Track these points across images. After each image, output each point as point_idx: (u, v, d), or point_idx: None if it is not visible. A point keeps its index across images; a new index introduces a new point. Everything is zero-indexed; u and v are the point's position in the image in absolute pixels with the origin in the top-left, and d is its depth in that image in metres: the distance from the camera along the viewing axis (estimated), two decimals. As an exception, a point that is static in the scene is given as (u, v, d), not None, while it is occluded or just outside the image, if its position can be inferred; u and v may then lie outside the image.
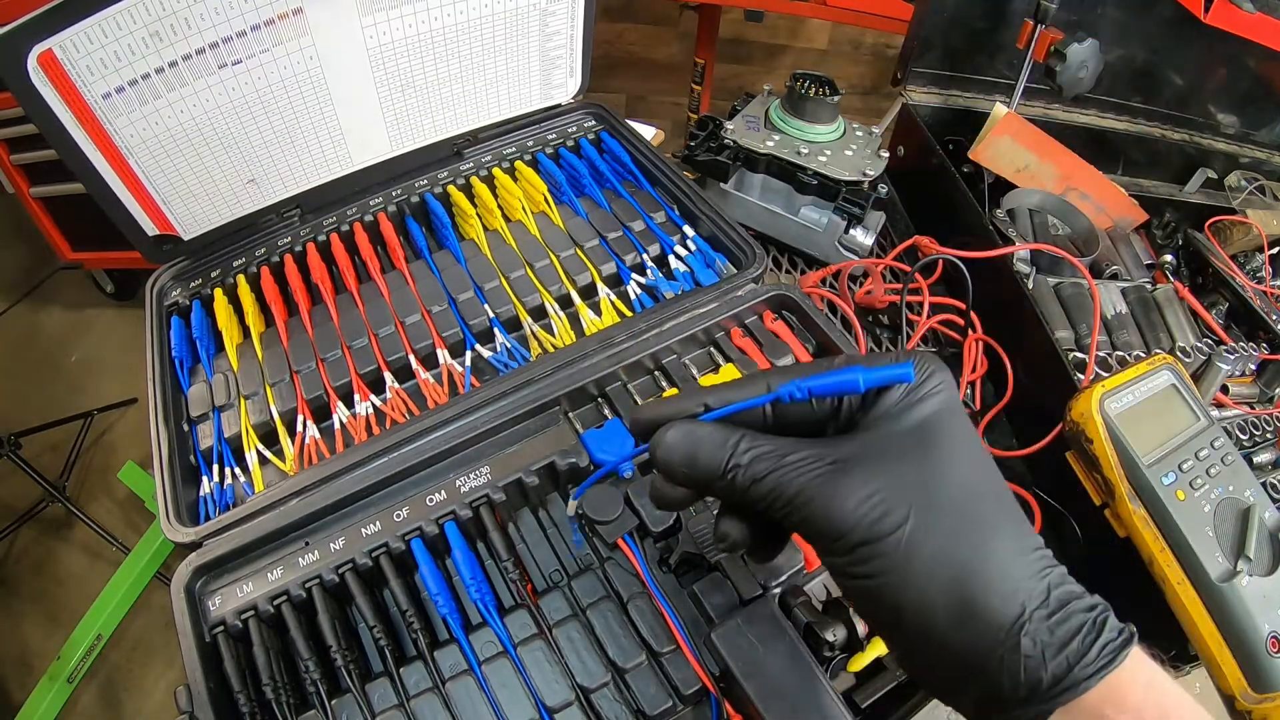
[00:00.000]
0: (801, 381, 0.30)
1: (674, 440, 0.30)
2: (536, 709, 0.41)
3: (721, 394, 0.31)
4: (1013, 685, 0.26)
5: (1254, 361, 0.72)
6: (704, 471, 0.30)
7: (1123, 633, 0.27)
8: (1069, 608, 0.27)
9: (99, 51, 0.49)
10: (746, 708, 0.40)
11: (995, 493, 0.29)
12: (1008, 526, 0.28)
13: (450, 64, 0.65)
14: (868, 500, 0.27)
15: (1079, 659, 0.26)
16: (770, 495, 0.29)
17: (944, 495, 0.27)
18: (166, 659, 1.50)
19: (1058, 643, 0.26)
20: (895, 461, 0.28)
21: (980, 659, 0.26)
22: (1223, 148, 0.99)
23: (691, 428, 0.30)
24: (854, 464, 0.28)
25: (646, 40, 2.39)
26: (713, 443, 0.30)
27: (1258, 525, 0.50)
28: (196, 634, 0.43)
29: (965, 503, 0.28)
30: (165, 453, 0.51)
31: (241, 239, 0.65)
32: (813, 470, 0.28)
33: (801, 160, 0.78)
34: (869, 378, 0.28)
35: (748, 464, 0.29)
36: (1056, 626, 0.26)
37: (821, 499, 0.27)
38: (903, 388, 0.29)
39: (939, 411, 0.29)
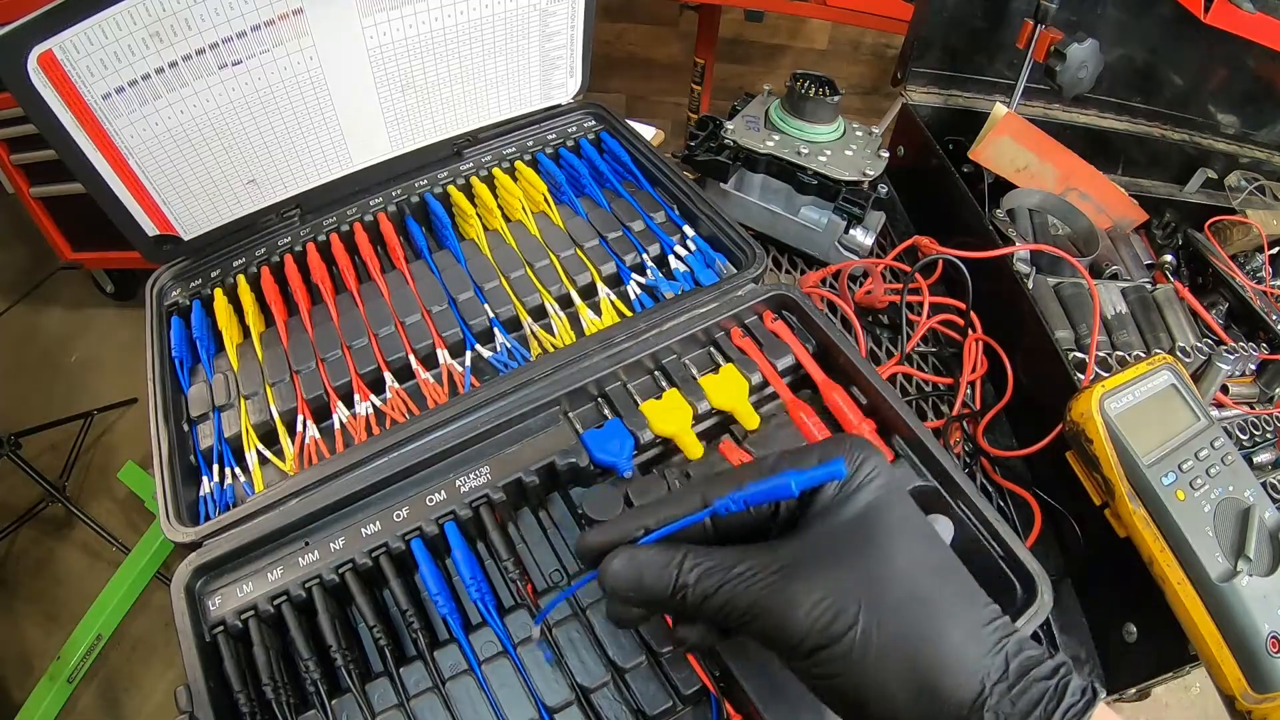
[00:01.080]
0: (737, 494, 0.30)
1: (619, 569, 0.31)
2: (536, 709, 0.41)
3: (658, 513, 0.32)
4: None
5: (1254, 361, 0.72)
6: (652, 594, 0.30)
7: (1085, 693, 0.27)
8: (1029, 676, 0.27)
9: (99, 52, 0.49)
10: (746, 708, 0.40)
11: (943, 572, 0.29)
12: (959, 606, 0.28)
13: (450, 64, 0.65)
14: (818, 605, 0.27)
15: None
16: (723, 610, 0.29)
17: (891, 586, 0.28)
18: (166, 659, 1.50)
19: (1019, 714, 0.26)
20: (839, 560, 0.28)
21: None
22: (1223, 148, 0.99)
23: (633, 553, 0.31)
24: (799, 568, 0.28)
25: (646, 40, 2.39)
26: (656, 565, 0.30)
27: (1258, 525, 0.50)
28: (196, 634, 0.43)
29: (913, 589, 0.28)
30: (165, 453, 0.51)
31: (241, 239, 0.65)
32: (760, 581, 0.28)
33: (801, 160, 0.78)
34: (800, 480, 0.29)
35: (695, 581, 0.30)
36: (1018, 698, 0.26)
37: (773, 610, 0.28)
38: (833, 489, 0.30)
39: (876, 500, 0.30)
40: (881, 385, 0.53)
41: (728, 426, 0.55)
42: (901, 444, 0.52)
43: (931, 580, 0.29)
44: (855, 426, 0.53)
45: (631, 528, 0.32)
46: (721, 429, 0.56)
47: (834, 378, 0.56)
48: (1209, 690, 0.49)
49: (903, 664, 0.27)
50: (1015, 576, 0.47)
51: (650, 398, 0.54)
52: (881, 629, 0.27)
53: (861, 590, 0.27)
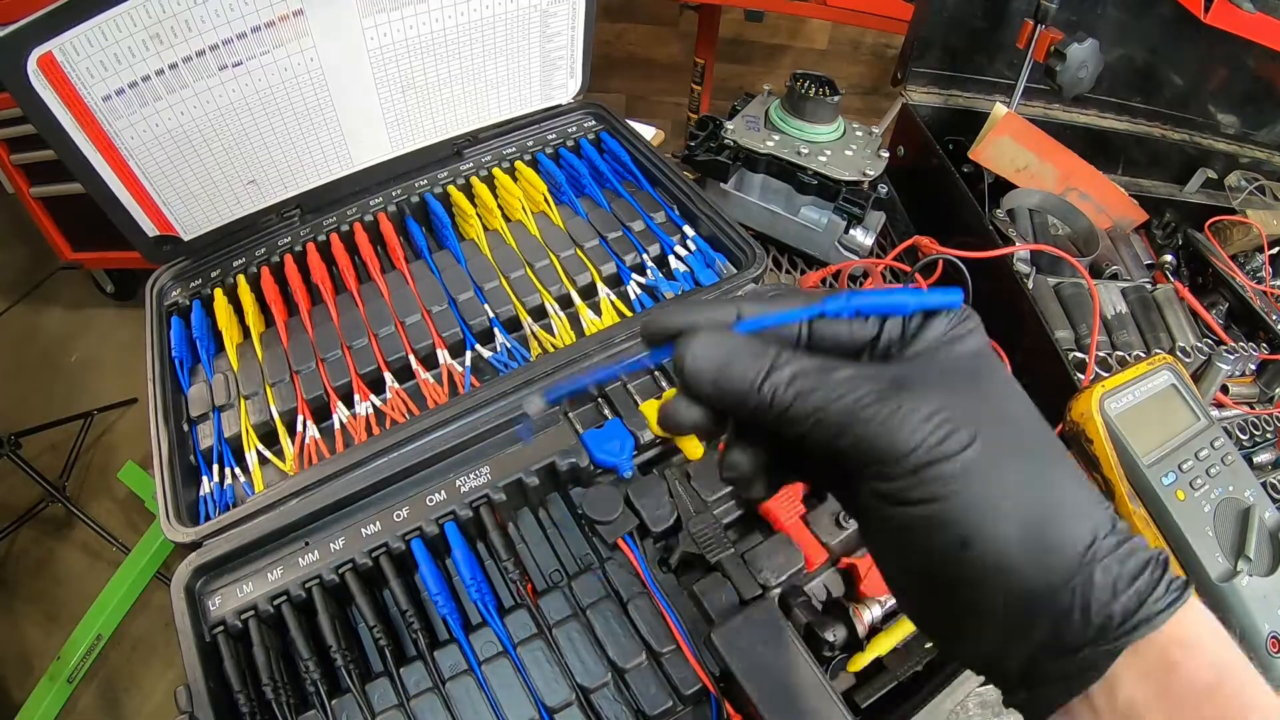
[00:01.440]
0: (851, 294, 0.27)
1: (703, 348, 0.27)
2: (536, 709, 0.41)
3: (757, 304, 0.28)
4: (1083, 621, 0.24)
5: (1254, 361, 0.72)
6: (736, 385, 0.26)
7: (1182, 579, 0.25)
8: (1133, 541, 0.25)
9: (99, 54, 0.49)
10: (746, 708, 0.40)
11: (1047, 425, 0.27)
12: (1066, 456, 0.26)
13: (451, 65, 0.65)
14: (933, 418, 0.24)
15: (1149, 593, 0.24)
16: (814, 414, 0.25)
17: (1007, 420, 0.26)
18: (166, 659, 1.50)
19: (1128, 575, 0.24)
20: (954, 385, 0.26)
21: (1052, 592, 0.24)
22: (1223, 148, 0.99)
23: (723, 336, 0.27)
24: (912, 382, 0.25)
25: (646, 40, 2.39)
26: (748, 352, 0.26)
27: (1258, 525, 0.50)
28: (196, 634, 0.43)
29: (1029, 429, 0.26)
30: (165, 453, 0.51)
31: (241, 239, 0.65)
32: (865, 390, 0.25)
33: (801, 160, 0.78)
34: (921, 301, 0.27)
35: (789, 379, 0.26)
36: (1126, 558, 0.24)
37: (880, 417, 0.25)
38: (945, 324, 0.27)
39: (985, 347, 0.27)
40: (881, 385, 0.53)
41: (728, 426, 0.55)
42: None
43: (1043, 426, 0.27)
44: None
45: (723, 312, 0.28)
46: (721, 429, 0.55)
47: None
48: (1209, 690, 0.49)
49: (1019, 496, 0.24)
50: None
51: (650, 398, 0.54)
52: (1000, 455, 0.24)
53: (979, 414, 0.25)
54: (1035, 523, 0.24)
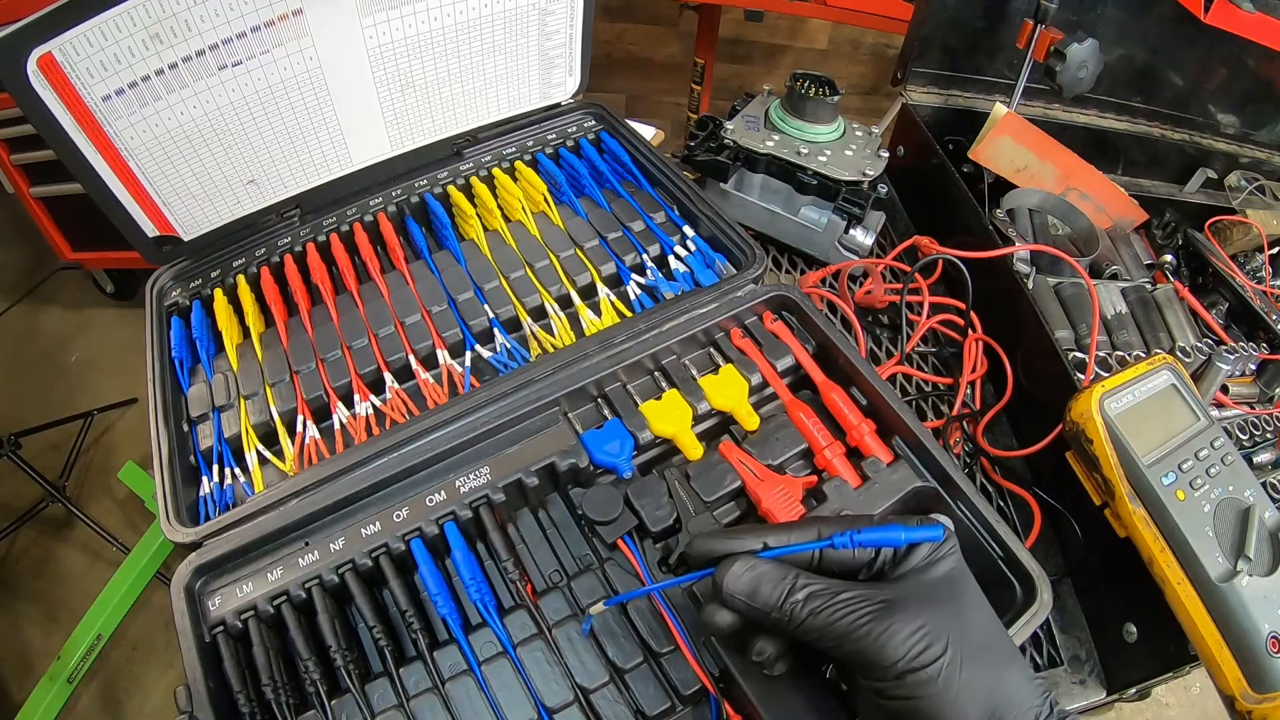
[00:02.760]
0: (855, 534, 0.35)
1: (740, 573, 0.35)
2: (536, 709, 0.41)
3: (777, 536, 0.37)
4: None
5: (1254, 361, 0.72)
6: (763, 602, 0.34)
7: None
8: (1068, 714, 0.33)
9: (99, 54, 0.49)
10: (746, 708, 0.40)
11: (1003, 631, 0.36)
12: (1017, 658, 0.34)
13: (450, 63, 0.65)
14: (914, 635, 0.32)
15: None
16: (823, 629, 0.33)
17: (971, 633, 0.33)
18: (166, 659, 1.50)
19: None
20: (932, 605, 0.33)
21: None
22: (1223, 148, 0.99)
23: (754, 562, 0.35)
24: (899, 605, 0.33)
25: (646, 40, 2.39)
26: (774, 577, 0.34)
27: (1258, 525, 0.50)
28: (196, 634, 0.43)
29: (986, 640, 0.34)
30: (165, 453, 0.51)
31: (241, 239, 0.65)
32: (863, 608, 0.33)
33: (801, 160, 0.78)
34: (909, 536, 0.35)
35: (804, 599, 0.34)
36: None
37: (874, 634, 0.32)
38: (927, 549, 0.35)
39: (957, 568, 0.36)
40: (881, 385, 0.53)
41: (727, 427, 0.55)
42: (901, 444, 0.52)
43: (999, 636, 0.35)
44: (855, 427, 0.53)
45: (752, 541, 0.36)
46: (721, 429, 0.56)
47: (834, 378, 0.56)
48: (1209, 690, 0.49)
49: (979, 695, 0.32)
50: (1015, 577, 0.47)
51: (650, 398, 0.54)
52: (965, 663, 0.32)
53: (950, 630, 0.33)
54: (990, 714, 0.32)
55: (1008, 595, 0.46)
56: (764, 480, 0.50)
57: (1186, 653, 0.51)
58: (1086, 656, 0.60)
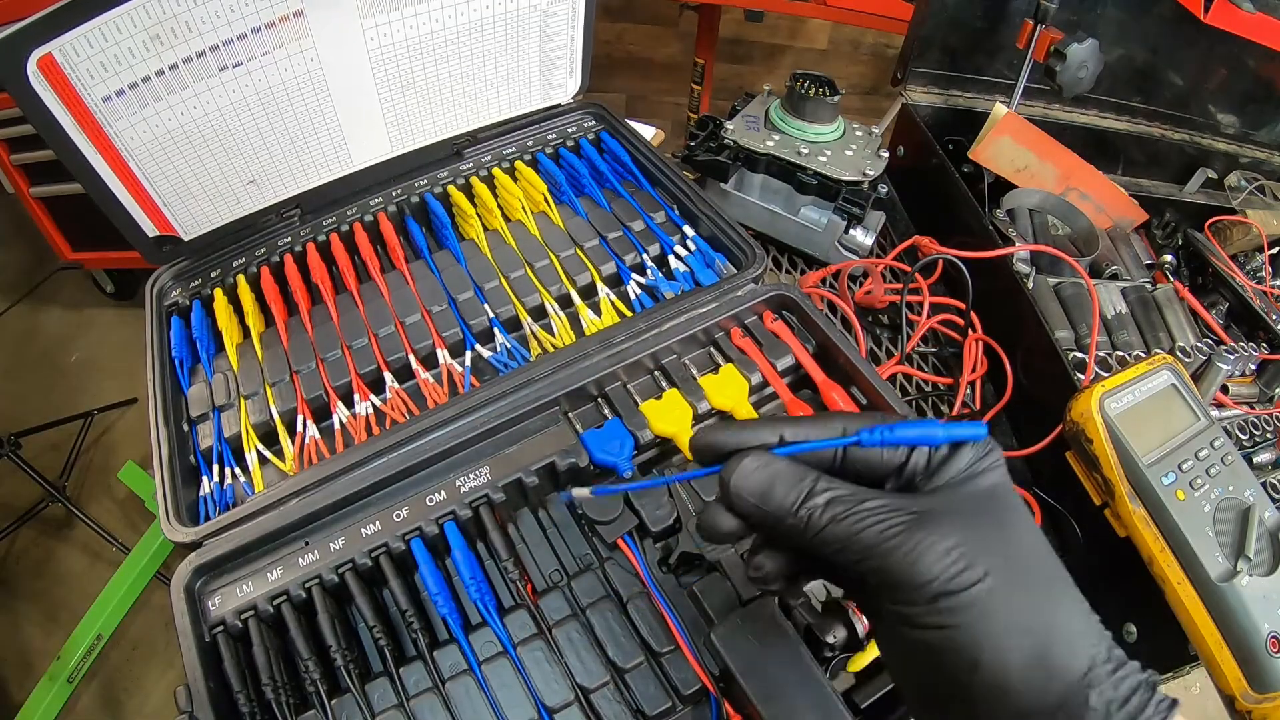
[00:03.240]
0: (885, 428, 0.30)
1: (750, 470, 0.30)
2: (536, 709, 0.41)
3: (797, 429, 0.31)
4: None
5: (1254, 361, 0.72)
6: (775, 507, 0.30)
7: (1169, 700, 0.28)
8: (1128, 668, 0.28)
9: (99, 55, 0.49)
10: (746, 708, 0.40)
11: (1055, 557, 0.30)
12: (1072, 589, 0.29)
13: (451, 65, 0.65)
14: (950, 553, 0.27)
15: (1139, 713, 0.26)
16: (844, 540, 0.29)
17: (1020, 555, 0.29)
18: (166, 659, 1.50)
19: (1121, 698, 0.27)
20: (972, 520, 0.29)
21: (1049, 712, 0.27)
22: (1223, 148, 0.99)
23: (769, 459, 0.30)
24: (934, 518, 0.28)
25: (646, 40, 2.39)
26: (790, 476, 0.30)
27: (1258, 525, 0.50)
28: (196, 634, 0.43)
29: (1038, 563, 0.29)
30: (165, 453, 0.51)
31: (241, 239, 0.65)
32: (892, 520, 0.28)
33: (801, 160, 0.78)
34: (949, 433, 0.30)
35: (824, 505, 0.29)
36: (1119, 684, 0.27)
37: (903, 549, 0.28)
38: (968, 457, 0.30)
39: (1003, 482, 0.30)
40: (881, 385, 0.53)
41: (728, 427, 0.55)
42: (901, 444, 0.52)
43: (1052, 561, 0.30)
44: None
45: (766, 434, 0.31)
46: (721, 429, 0.55)
47: (834, 378, 0.56)
48: (1209, 690, 0.49)
49: (1025, 626, 0.27)
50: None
51: (650, 398, 0.54)
52: (1009, 589, 0.27)
53: (993, 551, 0.28)
54: (1038, 651, 0.27)
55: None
56: (764, 480, 0.50)
57: (1186, 653, 0.51)
58: (1086, 656, 0.60)
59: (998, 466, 0.31)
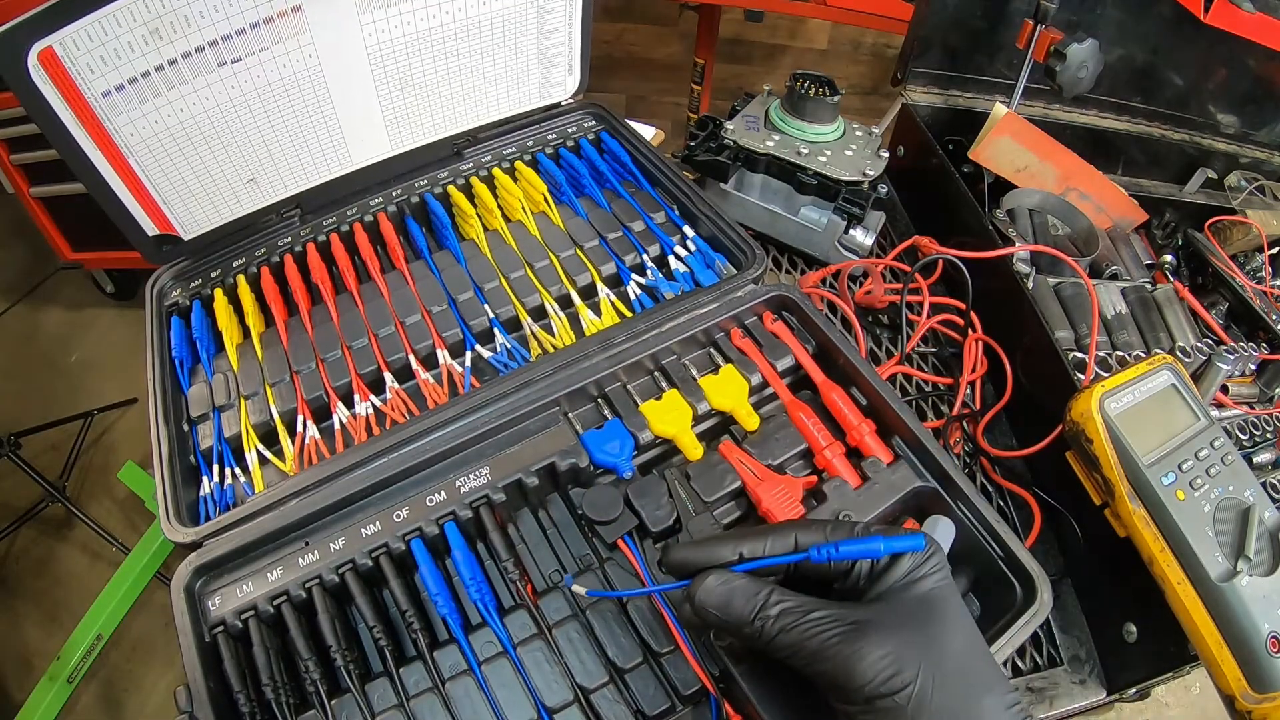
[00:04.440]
0: (831, 545, 0.34)
1: (712, 586, 0.34)
2: (536, 709, 0.41)
3: (754, 545, 0.36)
4: None
5: (1254, 361, 0.72)
6: (734, 616, 0.34)
7: None
8: None
9: (99, 49, 0.49)
10: (746, 708, 0.40)
11: (983, 655, 0.34)
12: (996, 685, 0.33)
13: (449, 62, 0.65)
14: (882, 659, 0.31)
15: None
16: (793, 647, 0.33)
17: (946, 659, 0.32)
18: (166, 659, 1.50)
19: None
20: (905, 628, 0.33)
21: None
22: (1223, 148, 0.99)
23: (728, 577, 0.35)
24: (870, 627, 0.32)
25: (646, 40, 2.39)
26: (746, 592, 0.34)
27: (1258, 525, 0.50)
28: (196, 634, 0.43)
29: (962, 666, 0.33)
30: (165, 453, 0.51)
31: (241, 239, 0.65)
32: (833, 629, 0.32)
33: (801, 160, 0.78)
34: (889, 546, 0.34)
35: (775, 616, 0.33)
36: None
37: (841, 656, 0.32)
38: (906, 566, 0.34)
39: (939, 588, 0.35)
40: (881, 386, 0.53)
41: (727, 427, 0.55)
42: (901, 444, 0.52)
43: (977, 662, 0.33)
44: (855, 427, 0.53)
45: (726, 551, 0.36)
46: (721, 430, 0.56)
47: (834, 378, 0.56)
48: (1209, 690, 0.49)
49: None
50: (1015, 577, 0.47)
51: (650, 398, 0.54)
52: (935, 692, 0.31)
53: (922, 656, 0.32)
54: None
55: (1008, 595, 0.46)
56: (764, 480, 0.50)
57: (1186, 653, 0.51)
58: (1086, 656, 0.60)
59: (936, 571, 0.35)
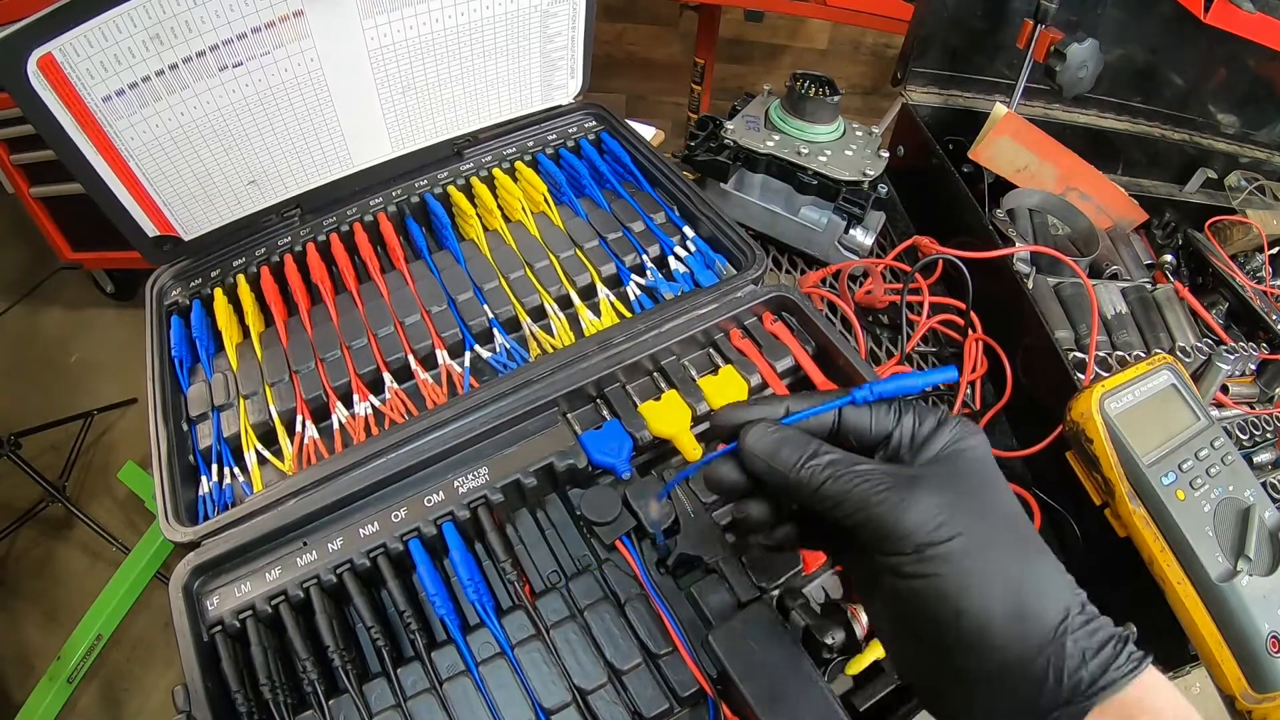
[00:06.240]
0: (871, 384, 0.35)
1: (762, 433, 0.35)
2: (534, 710, 0.41)
3: (799, 401, 0.36)
4: (1055, 685, 0.28)
5: (1254, 361, 0.72)
6: (782, 464, 0.34)
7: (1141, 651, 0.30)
8: (1100, 619, 0.30)
9: (99, 55, 0.49)
10: (744, 710, 0.40)
11: (1030, 524, 0.33)
12: (1045, 550, 0.32)
13: (451, 66, 0.65)
14: (930, 510, 0.31)
15: (1112, 661, 0.29)
16: (839, 495, 0.32)
17: (996, 516, 0.32)
18: (166, 659, 1.50)
19: (1095, 646, 0.29)
20: (951, 485, 0.32)
21: (1029, 658, 0.29)
22: (1223, 148, 0.98)
23: (779, 427, 0.35)
24: (917, 481, 0.32)
25: (646, 40, 2.39)
26: (796, 441, 0.34)
27: (1258, 525, 0.50)
28: (194, 634, 0.43)
29: (1013, 524, 0.32)
30: (164, 452, 0.51)
31: (241, 239, 0.65)
32: (880, 481, 0.32)
33: (801, 160, 0.77)
34: (923, 380, 0.36)
35: (824, 465, 0.33)
36: (1093, 632, 0.29)
37: (889, 503, 0.31)
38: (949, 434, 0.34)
39: (982, 456, 0.34)
40: (881, 386, 0.53)
41: (727, 427, 0.55)
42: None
43: (1026, 525, 0.33)
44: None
45: (775, 408, 0.36)
46: (720, 429, 0.55)
47: (833, 379, 0.56)
48: (1209, 690, 0.49)
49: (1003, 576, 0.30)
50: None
51: (649, 399, 0.54)
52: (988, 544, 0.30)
53: (970, 511, 0.31)
54: (1016, 600, 0.30)
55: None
56: (763, 480, 0.50)
57: (1186, 653, 0.51)
58: (1086, 657, 0.60)
59: (977, 440, 0.34)
